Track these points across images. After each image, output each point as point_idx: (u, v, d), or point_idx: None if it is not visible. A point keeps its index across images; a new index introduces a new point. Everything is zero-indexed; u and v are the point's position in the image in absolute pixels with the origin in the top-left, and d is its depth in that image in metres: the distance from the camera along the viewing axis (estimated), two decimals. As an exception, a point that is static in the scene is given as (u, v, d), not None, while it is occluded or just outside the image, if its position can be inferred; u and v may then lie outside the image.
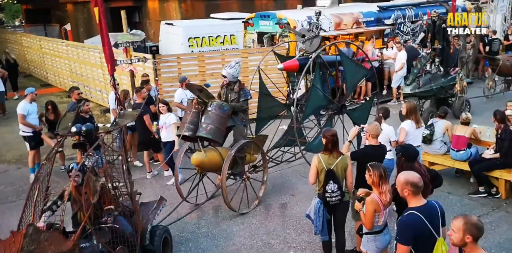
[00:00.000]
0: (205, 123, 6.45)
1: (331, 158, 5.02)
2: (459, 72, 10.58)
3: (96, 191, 4.65)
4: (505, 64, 12.05)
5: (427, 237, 3.50)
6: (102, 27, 5.45)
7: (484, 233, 5.67)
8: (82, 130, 4.91)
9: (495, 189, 6.92)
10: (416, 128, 6.53)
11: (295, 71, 7.80)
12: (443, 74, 10.50)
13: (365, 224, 4.29)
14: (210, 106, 6.52)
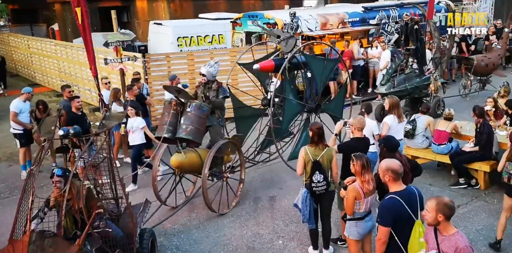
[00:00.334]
0: (184, 124, 6.37)
1: (317, 150, 5.26)
2: (433, 72, 10.79)
3: (82, 196, 4.56)
4: (480, 64, 12.28)
5: (406, 220, 3.76)
6: (85, 27, 5.38)
7: (464, 222, 6.05)
8: (70, 133, 4.81)
9: (475, 181, 7.24)
10: (398, 123, 6.81)
11: (271, 71, 7.80)
12: (418, 74, 10.71)
13: (346, 210, 4.55)
14: (189, 107, 6.44)
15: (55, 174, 4.70)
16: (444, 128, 7.53)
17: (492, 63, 12.64)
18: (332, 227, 5.73)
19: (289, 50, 7.66)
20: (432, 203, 3.32)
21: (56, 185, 4.65)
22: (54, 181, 4.66)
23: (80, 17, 5.21)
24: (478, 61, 12.30)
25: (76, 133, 4.82)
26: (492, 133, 7.11)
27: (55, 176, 4.69)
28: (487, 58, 12.70)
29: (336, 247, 5.73)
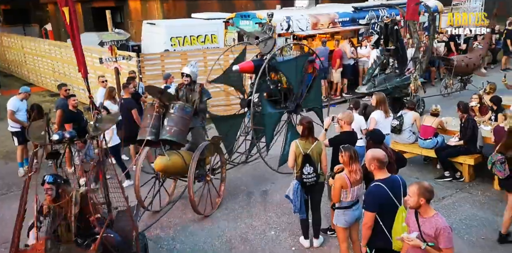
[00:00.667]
0: (168, 125, 6.20)
1: (307, 144, 5.51)
2: (413, 72, 10.93)
3: (76, 202, 4.42)
4: (460, 64, 12.40)
5: (390, 205, 4.01)
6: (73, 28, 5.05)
7: (448, 212, 6.31)
8: (66, 137, 4.61)
9: (459, 173, 7.53)
10: (385, 118, 7.08)
11: (251, 72, 7.76)
12: (398, 74, 10.85)
13: (333, 198, 4.81)
14: (172, 108, 6.29)
15: (45, 181, 4.52)
16: (430, 124, 7.80)
17: (473, 63, 12.77)
18: (322, 218, 5.98)
19: (267, 51, 7.55)
20: (414, 188, 3.57)
21: (47, 192, 4.47)
22: (46, 189, 4.49)
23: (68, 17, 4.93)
24: (458, 61, 12.41)
25: (72, 137, 4.64)
26: (477, 128, 7.40)
27: (45, 183, 4.51)
28: (468, 58, 12.84)
29: (326, 237, 5.97)
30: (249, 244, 5.98)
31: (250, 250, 5.85)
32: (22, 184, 8.11)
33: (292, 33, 12.74)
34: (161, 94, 6.41)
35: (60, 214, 4.36)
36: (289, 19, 12.69)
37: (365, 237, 4.14)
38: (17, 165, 9.06)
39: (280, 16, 12.81)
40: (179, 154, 6.54)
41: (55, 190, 4.47)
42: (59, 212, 4.39)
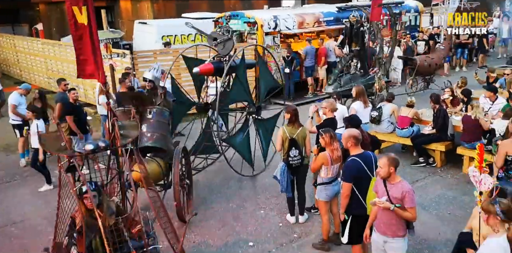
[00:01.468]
0: (148, 132, 5.89)
1: (293, 129, 6.12)
2: (377, 72, 11.38)
3: (112, 212, 4.20)
4: (423, 64, 12.88)
5: (364, 177, 4.64)
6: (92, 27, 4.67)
7: (420, 192, 6.97)
8: (100, 146, 4.36)
9: (432, 159, 8.21)
10: (364, 108, 7.73)
11: (211, 74, 7.69)
12: (363, 74, 11.17)
13: (311, 168, 5.51)
14: (149, 113, 6.03)
15: (88, 188, 4.12)
16: (406, 114, 8.46)
17: (435, 63, 13.30)
18: (307, 199, 6.59)
19: (226, 53, 7.46)
20: (384, 160, 4.19)
21: (90, 200, 4.09)
22: (88, 197, 4.11)
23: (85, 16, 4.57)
24: (421, 61, 12.85)
25: (106, 146, 4.37)
26: (447, 117, 8.08)
27: (89, 191, 4.10)
28: (430, 58, 13.35)
29: (310, 214, 6.58)
30: (240, 221, 6.57)
31: (242, 226, 6.43)
32: (24, 173, 8.73)
33: (279, 32, 13.35)
34: (136, 99, 6.03)
35: (94, 226, 4.02)
36: (276, 19, 13.30)
37: (343, 205, 4.76)
38: (17, 156, 9.53)
39: (268, 15, 13.42)
40: (155, 161, 6.27)
41: (98, 197, 4.17)
42: (92, 224, 4.04)
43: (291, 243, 5.96)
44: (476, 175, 4.09)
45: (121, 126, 4.95)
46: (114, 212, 4.22)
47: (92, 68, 4.60)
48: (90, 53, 4.53)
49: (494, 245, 3.55)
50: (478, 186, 4.06)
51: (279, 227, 6.36)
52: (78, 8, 4.45)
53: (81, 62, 4.61)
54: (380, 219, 4.30)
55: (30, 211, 7.22)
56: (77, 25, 4.45)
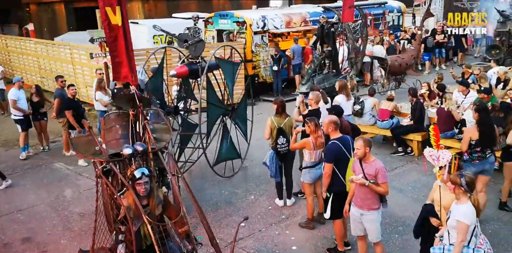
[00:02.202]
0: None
1: (281, 119, 6.67)
2: (349, 72, 11.81)
3: (160, 202, 4.10)
4: (394, 64, 13.23)
5: (343, 158, 5.21)
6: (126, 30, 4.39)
7: (399, 178, 7.55)
8: (139, 150, 4.29)
9: (410, 149, 8.83)
10: (346, 101, 8.31)
11: (185, 76, 7.66)
12: (335, 74, 11.46)
13: (290, 147, 6.17)
14: (147, 115, 5.68)
15: (143, 173, 3.97)
16: (386, 107, 9.07)
17: (405, 63, 13.69)
18: (294, 185, 7.14)
19: (198, 55, 7.40)
20: (360, 142, 4.75)
21: (144, 186, 3.96)
22: (143, 183, 3.96)
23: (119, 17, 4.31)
24: (392, 61, 13.22)
25: (144, 150, 4.29)
26: (424, 109, 8.72)
27: (143, 176, 3.96)
28: (401, 58, 13.75)
29: (297, 198, 7.13)
30: (232, 205, 7.09)
31: (234, 210, 6.95)
32: (25, 166, 9.14)
33: (267, 31, 13.90)
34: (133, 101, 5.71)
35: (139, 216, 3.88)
36: (264, 18, 13.85)
37: (325, 184, 5.32)
38: (16, 151, 9.96)
39: (256, 15, 13.97)
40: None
41: (150, 184, 4.03)
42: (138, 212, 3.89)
43: (279, 223, 6.50)
44: (433, 153, 4.68)
45: (153, 129, 4.83)
46: (162, 201, 4.09)
47: (126, 70, 4.42)
48: (125, 55, 4.35)
49: (465, 209, 4.11)
50: (436, 162, 4.65)
51: (268, 210, 6.90)
52: (112, 8, 4.26)
53: (116, 64, 4.43)
54: (357, 194, 4.87)
55: (34, 200, 7.66)
56: (110, 26, 4.26)
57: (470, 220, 4.05)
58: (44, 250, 6.05)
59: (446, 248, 4.17)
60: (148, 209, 4.00)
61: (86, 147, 4.71)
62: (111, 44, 4.30)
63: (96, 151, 4.53)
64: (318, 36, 11.75)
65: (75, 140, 5.16)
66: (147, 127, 4.56)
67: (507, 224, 6.22)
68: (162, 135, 4.80)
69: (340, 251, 5.55)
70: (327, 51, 11.38)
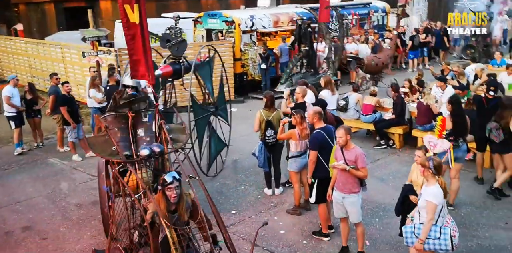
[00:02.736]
0: (147, 136, 5.37)
1: (269, 112, 7.05)
2: (326, 71, 12.11)
3: (188, 207, 4.00)
4: (370, 63, 13.56)
5: (327, 146, 5.61)
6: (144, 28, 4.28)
7: (381, 169, 7.98)
8: (156, 151, 4.29)
9: (392, 141, 9.28)
10: (331, 95, 8.73)
11: (170, 77, 7.54)
12: (313, 73, 11.75)
13: (277, 137, 6.55)
14: (145, 117, 5.57)
15: (174, 178, 3.86)
16: (369, 102, 9.51)
17: (382, 62, 14.08)
18: (282, 176, 7.52)
19: (181, 54, 7.32)
20: (341, 130, 5.14)
21: (175, 191, 3.84)
22: (173, 188, 3.84)
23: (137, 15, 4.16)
24: (368, 60, 13.55)
25: (161, 151, 4.27)
26: (405, 104, 9.18)
27: (174, 180, 3.85)
28: (377, 58, 14.13)
29: (285, 188, 7.52)
30: (223, 195, 7.45)
31: (225, 199, 7.31)
32: (20, 161, 9.39)
33: (256, 30, 14.28)
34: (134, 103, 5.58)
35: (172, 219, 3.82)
36: (252, 18, 14.23)
37: (310, 170, 5.72)
38: (10, 147, 10.19)
39: (245, 15, 14.34)
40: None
41: (179, 189, 3.92)
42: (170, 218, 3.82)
43: (268, 210, 6.88)
44: (432, 140, 5.17)
45: (169, 130, 4.75)
46: (190, 207, 3.99)
47: (144, 69, 4.32)
48: (142, 53, 4.25)
49: (434, 190, 4.50)
50: (432, 148, 5.12)
51: (257, 199, 7.27)
52: (130, 6, 4.20)
53: (134, 62, 4.34)
54: (339, 179, 5.26)
55: (31, 192, 7.93)
56: (129, 24, 4.20)
57: (438, 200, 4.46)
58: (44, 237, 6.35)
59: (417, 227, 4.57)
60: (177, 215, 3.87)
61: (103, 147, 4.66)
62: (129, 43, 4.24)
63: (113, 151, 4.50)
64: (296, 36, 11.81)
65: (92, 140, 5.08)
66: (163, 127, 4.47)
67: (478, 208, 6.70)
68: (179, 136, 4.68)
69: (324, 233, 5.95)
70: (305, 50, 11.47)
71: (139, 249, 4.02)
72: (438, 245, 4.44)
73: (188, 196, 4.05)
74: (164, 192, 3.87)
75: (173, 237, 3.75)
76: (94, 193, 7.69)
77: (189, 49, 12.59)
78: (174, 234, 3.75)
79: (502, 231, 5.98)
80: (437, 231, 4.44)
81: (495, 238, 5.85)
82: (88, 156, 9.43)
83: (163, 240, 3.83)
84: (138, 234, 4.06)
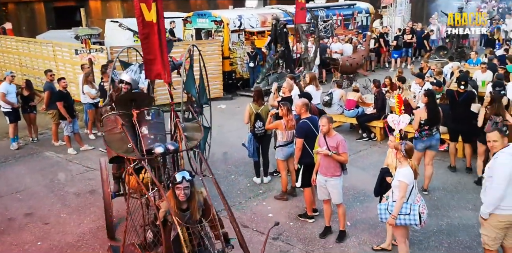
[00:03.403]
0: (151, 133, 5.42)
1: (258, 105, 7.53)
2: (302, 71, 12.50)
3: (201, 206, 3.98)
4: (345, 64, 14.05)
5: (312, 134, 6.11)
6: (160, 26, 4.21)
7: (363, 159, 8.50)
8: (170, 149, 4.33)
9: (373, 134, 9.83)
10: (316, 90, 9.23)
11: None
12: (289, 73, 11.62)
13: (265, 127, 7.05)
14: (148, 115, 5.62)
15: (183, 178, 3.84)
16: (352, 98, 10.05)
17: (356, 63, 14.56)
18: (270, 166, 7.99)
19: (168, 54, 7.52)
20: (324, 119, 5.63)
21: (184, 191, 3.84)
22: (182, 188, 3.83)
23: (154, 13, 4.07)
24: (343, 61, 13.98)
25: (176, 149, 4.30)
26: (385, 99, 9.74)
27: (184, 181, 3.83)
28: (352, 58, 14.63)
29: (273, 177, 8.00)
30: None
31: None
32: (16, 155, 9.71)
33: (244, 30, 14.75)
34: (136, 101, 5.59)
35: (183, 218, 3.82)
36: (241, 18, 14.70)
37: (297, 156, 6.21)
38: (6, 142, 10.48)
39: (233, 14, 14.80)
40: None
41: (190, 189, 3.90)
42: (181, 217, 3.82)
43: (257, 196, 7.36)
44: (394, 118, 5.71)
45: (183, 128, 4.77)
46: (202, 206, 3.97)
47: (159, 67, 4.23)
48: (158, 52, 4.16)
49: (405, 171, 5.01)
50: (397, 126, 5.65)
51: (247, 186, 7.74)
52: (147, 5, 4.13)
53: (148, 61, 4.27)
54: (322, 164, 5.76)
55: (30, 183, 8.27)
56: (144, 23, 4.13)
57: (409, 180, 4.98)
58: (46, 222, 6.73)
59: (390, 204, 5.08)
60: (189, 214, 3.87)
61: (119, 144, 4.66)
62: (143, 41, 4.18)
63: (128, 148, 4.52)
64: (272, 36, 12.02)
65: (108, 137, 5.09)
66: (178, 125, 4.47)
67: (449, 192, 7.29)
68: (194, 134, 4.66)
69: (309, 215, 6.45)
70: (281, 51, 11.68)
71: (152, 248, 3.98)
72: (408, 220, 4.96)
73: (200, 195, 4.01)
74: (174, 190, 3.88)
75: (184, 236, 3.75)
76: (91, 183, 8.12)
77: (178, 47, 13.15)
78: (185, 232, 3.76)
79: (470, 212, 6.54)
80: (408, 207, 4.96)
81: (464, 218, 6.42)
82: (82, 149, 9.81)
83: (174, 238, 3.84)
84: (151, 232, 4.04)
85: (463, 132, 7.73)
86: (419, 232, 6.00)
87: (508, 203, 4.53)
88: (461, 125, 7.75)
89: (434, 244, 5.86)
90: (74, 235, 6.33)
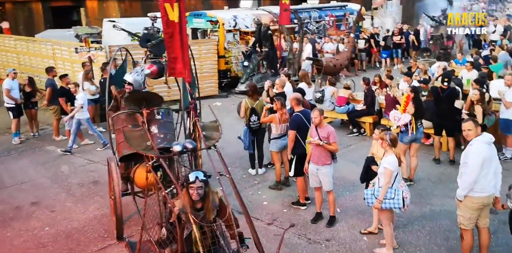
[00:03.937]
0: (161, 133, 5.57)
1: (253, 100, 7.94)
2: (286, 71, 12.68)
3: (215, 206, 3.94)
4: (328, 65, 14.04)
5: (304, 127, 6.53)
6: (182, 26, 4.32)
7: (352, 153, 8.96)
8: (188, 148, 4.39)
9: (363, 130, 10.28)
10: (307, 88, 9.68)
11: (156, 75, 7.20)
12: (273, 74, 12.15)
13: (261, 121, 7.50)
14: (158, 114, 5.76)
15: (197, 178, 3.85)
16: (343, 95, 10.50)
17: (340, 64, 14.65)
18: (264, 159, 8.40)
19: (161, 54, 7.20)
20: (316, 112, 6.06)
21: (197, 191, 3.82)
22: (195, 187, 3.82)
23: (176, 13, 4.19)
24: (327, 62, 14.07)
25: (194, 147, 4.38)
26: (375, 96, 10.20)
27: (197, 181, 3.83)
28: (335, 59, 14.72)
29: (267, 169, 8.41)
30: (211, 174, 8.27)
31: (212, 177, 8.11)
32: (19, 149, 10.06)
33: (238, 30, 15.16)
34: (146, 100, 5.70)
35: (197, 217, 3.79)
36: (235, 18, 15.11)
37: (290, 147, 6.63)
38: (7, 137, 10.82)
39: (228, 15, 15.20)
40: None
41: (204, 189, 3.88)
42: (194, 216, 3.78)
43: (252, 186, 7.77)
44: (396, 115, 6.25)
45: (202, 127, 4.89)
46: (217, 206, 3.94)
47: (181, 66, 4.33)
48: (180, 51, 4.27)
49: (390, 159, 5.44)
50: (396, 122, 6.16)
51: (243, 177, 8.15)
52: (171, 5, 4.27)
53: (171, 60, 4.39)
54: (314, 153, 6.19)
55: (34, 175, 8.63)
56: (168, 22, 4.25)
57: (393, 167, 5.41)
58: (52, 210, 7.09)
59: (376, 190, 5.51)
60: (202, 213, 3.85)
61: (139, 141, 4.74)
62: (167, 40, 4.33)
63: (148, 146, 4.59)
64: (256, 38, 12.21)
65: (128, 134, 5.14)
66: (197, 124, 4.56)
67: (433, 183, 7.77)
68: (212, 134, 4.81)
69: (302, 203, 6.87)
70: (265, 52, 11.87)
71: (167, 245, 4.03)
72: (392, 204, 5.39)
73: (216, 195, 4.00)
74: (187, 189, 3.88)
75: (197, 234, 3.74)
76: (93, 175, 8.50)
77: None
78: (198, 231, 3.74)
79: (452, 200, 6.88)
80: (392, 192, 5.39)
81: (446, 205, 6.88)
82: (83, 143, 10.17)
83: (186, 236, 3.86)
84: (166, 230, 4.06)
85: (446, 127, 8.19)
86: (404, 217, 6.45)
87: (481, 186, 4.98)
88: (445, 120, 8.23)
89: (417, 227, 6.32)
90: (80, 221, 6.71)
